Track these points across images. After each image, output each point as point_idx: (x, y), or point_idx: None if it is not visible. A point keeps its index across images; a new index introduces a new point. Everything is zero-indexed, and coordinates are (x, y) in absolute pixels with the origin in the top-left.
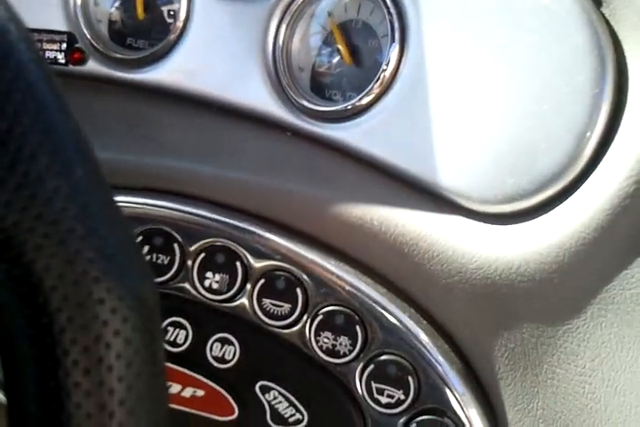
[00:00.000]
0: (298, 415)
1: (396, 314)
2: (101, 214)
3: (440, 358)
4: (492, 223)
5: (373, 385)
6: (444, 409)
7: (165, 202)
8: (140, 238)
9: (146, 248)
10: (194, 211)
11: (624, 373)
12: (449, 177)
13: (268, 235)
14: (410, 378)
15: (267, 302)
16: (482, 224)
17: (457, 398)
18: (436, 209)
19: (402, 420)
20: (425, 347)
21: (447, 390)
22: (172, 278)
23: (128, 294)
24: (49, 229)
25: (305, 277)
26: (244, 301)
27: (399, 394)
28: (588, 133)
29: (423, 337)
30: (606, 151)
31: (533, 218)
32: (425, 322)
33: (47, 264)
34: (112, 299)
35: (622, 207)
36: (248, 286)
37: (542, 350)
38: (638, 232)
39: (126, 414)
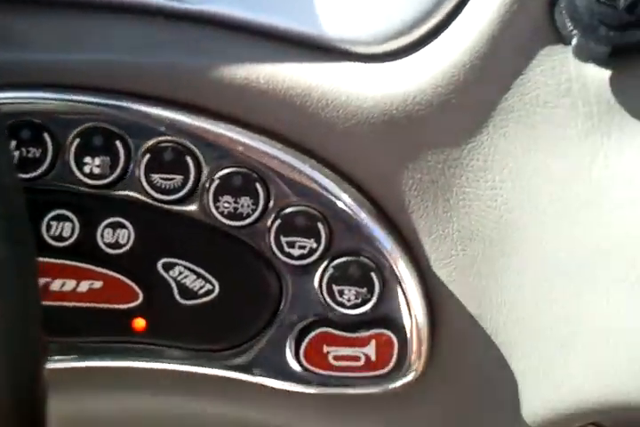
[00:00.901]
0: (208, 286)
1: (297, 166)
2: None
3: (348, 201)
4: (383, 62)
5: (282, 240)
6: (358, 250)
7: (30, 93)
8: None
9: (13, 143)
10: (64, 97)
11: (534, 174)
12: (330, 25)
13: (146, 109)
14: (320, 225)
15: (156, 177)
16: (373, 65)
17: (370, 237)
18: (324, 59)
19: (318, 271)
20: (331, 193)
21: (359, 231)
22: (47, 172)
23: None
24: None
25: (193, 145)
26: (131, 180)
27: (310, 243)
28: None
29: (328, 184)
30: None
31: (425, 45)
32: (327, 170)
33: None
34: None
35: (511, 13)
36: (132, 165)
37: (450, 173)
38: (529, 36)
39: None
